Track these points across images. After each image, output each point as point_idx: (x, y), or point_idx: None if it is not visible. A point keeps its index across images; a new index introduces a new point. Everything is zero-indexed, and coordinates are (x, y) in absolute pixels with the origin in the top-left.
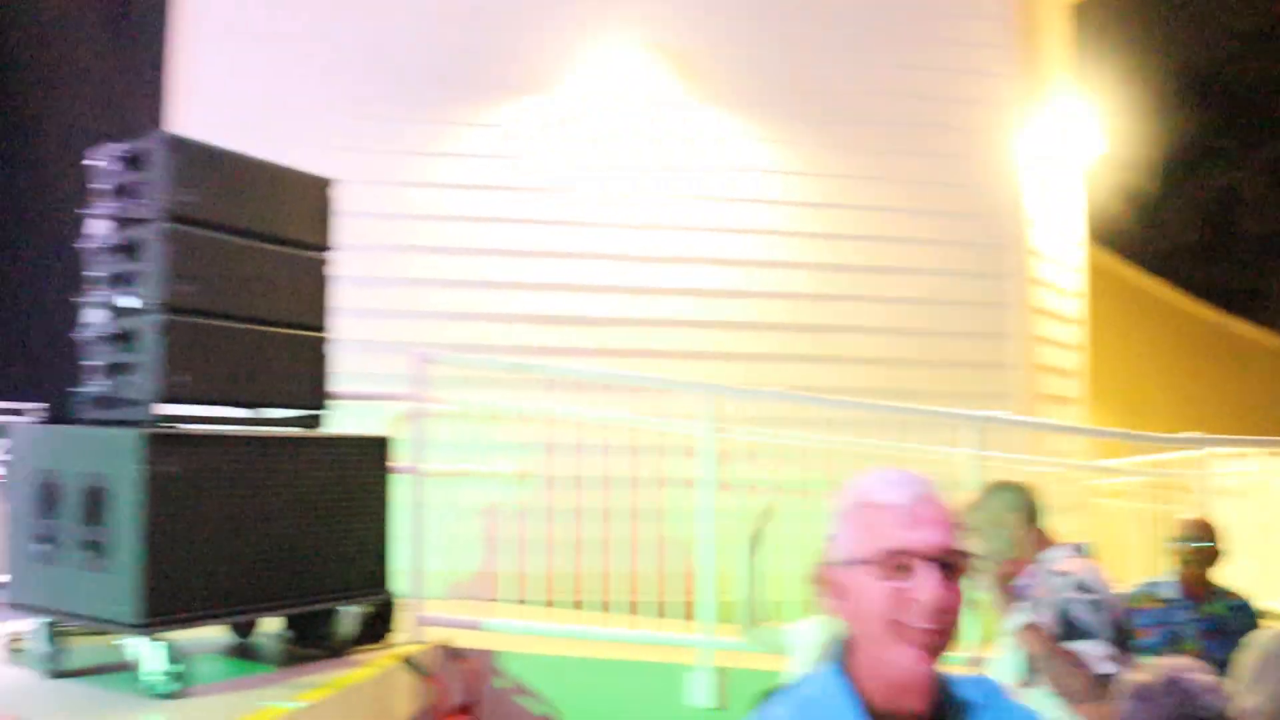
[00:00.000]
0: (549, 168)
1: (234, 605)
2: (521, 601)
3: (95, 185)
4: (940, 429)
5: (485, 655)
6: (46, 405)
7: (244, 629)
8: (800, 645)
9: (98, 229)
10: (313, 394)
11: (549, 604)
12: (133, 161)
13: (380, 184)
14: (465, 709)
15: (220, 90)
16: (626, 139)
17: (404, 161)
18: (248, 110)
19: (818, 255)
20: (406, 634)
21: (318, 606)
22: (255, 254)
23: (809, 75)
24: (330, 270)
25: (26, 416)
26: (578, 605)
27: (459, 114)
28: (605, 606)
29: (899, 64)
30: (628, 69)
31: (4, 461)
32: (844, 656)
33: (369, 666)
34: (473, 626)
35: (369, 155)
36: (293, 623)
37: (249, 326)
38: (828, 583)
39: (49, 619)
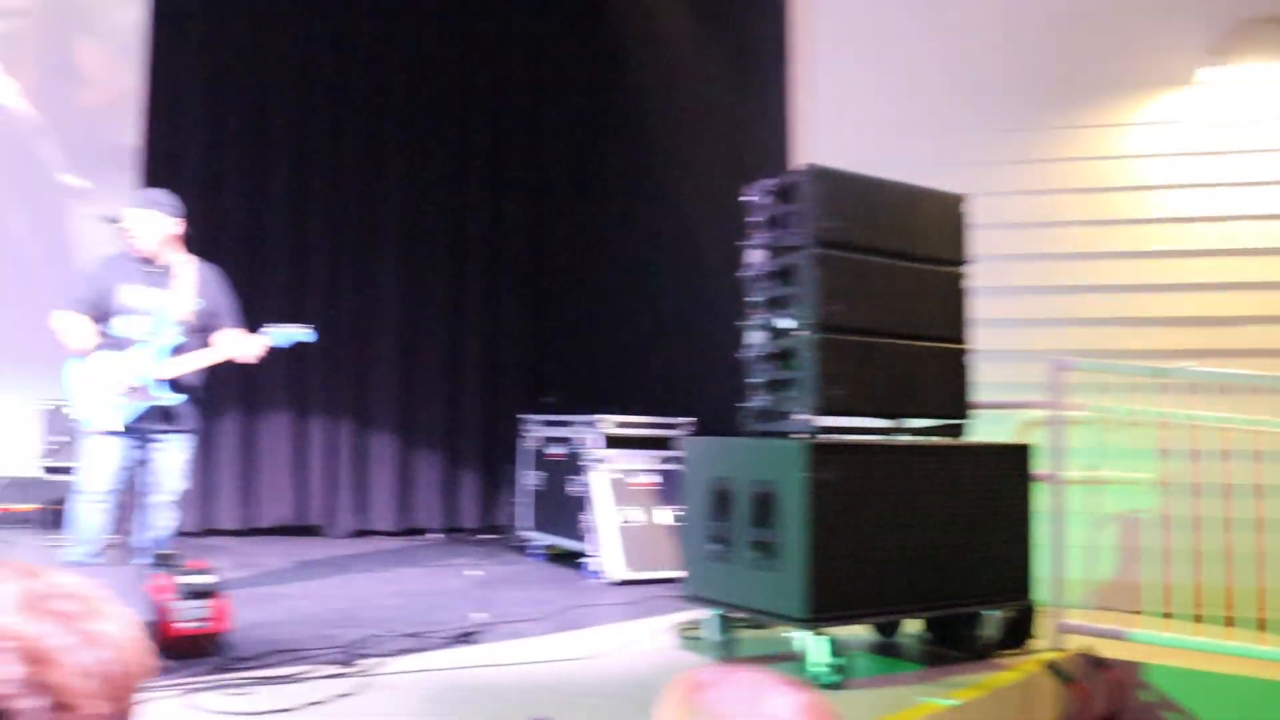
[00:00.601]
0: (1172, 165)
1: (886, 605)
2: (1166, 615)
3: (751, 218)
4: None
5: (1130, 666)
6: (694, 419)
7: (888, 629)
8: None
9: (754, 258)
10: (955, 404)
11: (1196, 618)
12: (782, 194)
13: (1007, 194)
14: (1108, 719)
15: (841, 117)
16: (1248, 129)
17: (1028, 170)
18: (870, 134)
19: None
20: (1047, 641)
21: (963, 610)
22: (896, 272)
23: None
24: (967, 283)
25: (680, 430)
26: (1229, 621)
27: (1079, 117)
28: (1261, 624)
29: None
30: (1251, 54)
31: (661, 470)
32: None
33: (1014, 670)
34: (1116, 636)
35: (993, 167)
36: (931, 625)
37: (893, 341)
38: None
39: (720, 611)
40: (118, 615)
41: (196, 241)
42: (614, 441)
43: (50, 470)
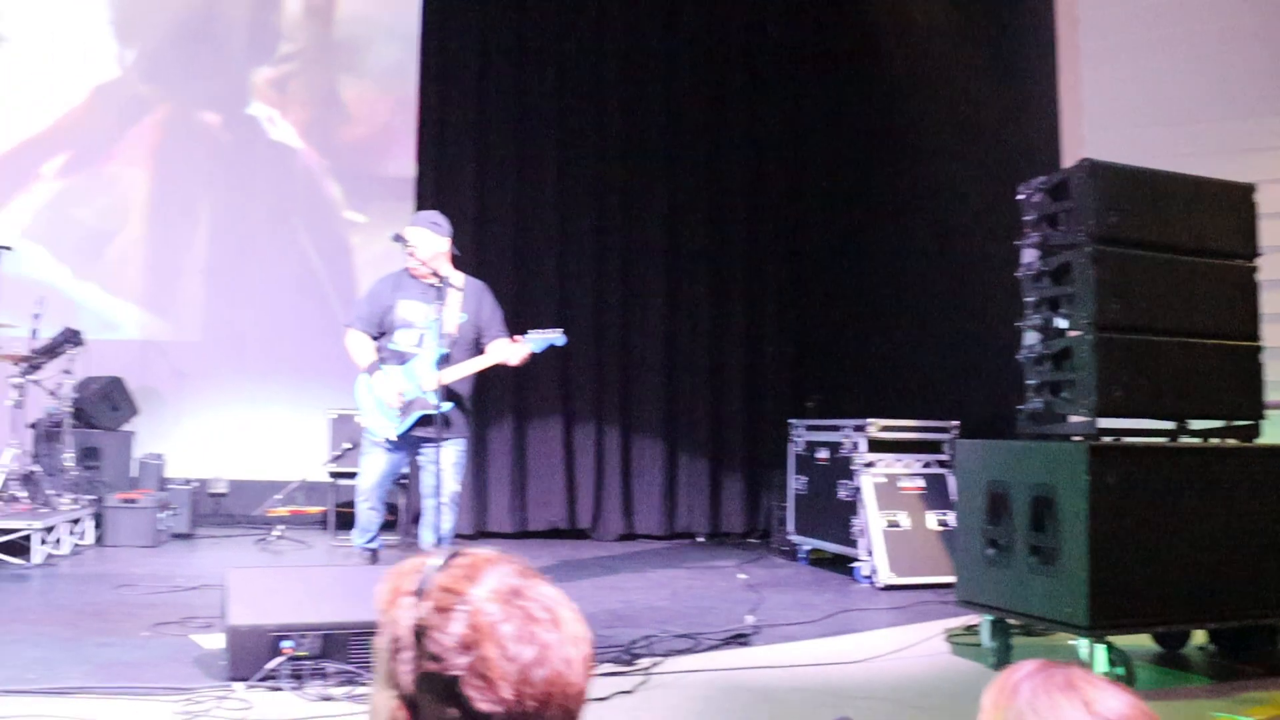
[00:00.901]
0: None
1: (1172, 614)
2: None
3: (1024, 216)
4: None
5: None
6: (958, 423)
7: (1173, 640)
8: None
9: (1029, 257)
10: (1245, 404)
11: None
12: (1055, 190)
13: None
14: None
15: (1111, 109)
16: None
17: None
18: (1144, 124)
19: None
20: None
21: (1258, 622)
22: (1179, 268)
23: None
24: (1258, 277)
25: (946, 433)
26: None
27: None
28: None
29: None
30: None
31: (925, 474)
32: None
33: None
34: None
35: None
36: (1220, 637)
37: (1177, 339)
38: None
39: (994, 616)
40: (572, 637)
41: (468, 259)
42: (879, 445)
43: (335, 475)
